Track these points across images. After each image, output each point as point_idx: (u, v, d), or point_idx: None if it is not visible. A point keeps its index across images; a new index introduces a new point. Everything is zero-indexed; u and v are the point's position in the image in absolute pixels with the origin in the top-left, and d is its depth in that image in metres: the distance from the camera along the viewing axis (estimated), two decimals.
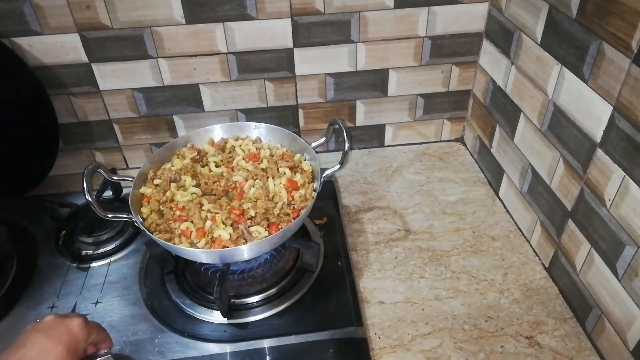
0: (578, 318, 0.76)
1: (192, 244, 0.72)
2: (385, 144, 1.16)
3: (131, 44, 0.93)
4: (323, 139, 0.87)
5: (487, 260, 0.86)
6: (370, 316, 0.77)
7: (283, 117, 1.07)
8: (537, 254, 0.87)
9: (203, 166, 0.85)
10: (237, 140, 0.90)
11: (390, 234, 0.92)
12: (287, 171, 0.81)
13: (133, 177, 0.82)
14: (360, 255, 0.88)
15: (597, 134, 0.68)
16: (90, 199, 0.72)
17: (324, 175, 0.79)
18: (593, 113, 0.68)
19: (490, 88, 0.99)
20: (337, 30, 0.96)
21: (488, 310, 0.78)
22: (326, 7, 0.93)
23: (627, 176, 0.63)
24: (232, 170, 0.84)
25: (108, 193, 0.95)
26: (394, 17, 0.95)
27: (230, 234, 0.72)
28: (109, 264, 0.87)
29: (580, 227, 0.74)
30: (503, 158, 0.97)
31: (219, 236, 0.71)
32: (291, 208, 0.77)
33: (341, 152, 0.78)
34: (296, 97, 1.05)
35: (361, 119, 1.11)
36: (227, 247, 0.71)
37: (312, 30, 0.96)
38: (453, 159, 1.11)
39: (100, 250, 0.89)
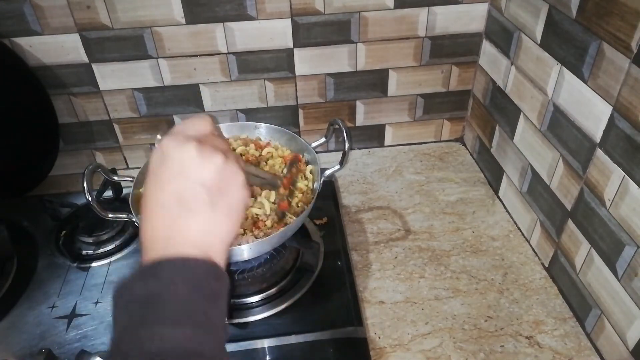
0: (578, 318, 0.76)
1: None
2: (385, 144, 1.16)
3: (131, 44, 0.93)
4: (323, 139, 0.87)
5: (486, 260, 0.86)
6: (370, 316, 0.77)
7: (283, 117, 1.07)
8: (536, 254, 0.87)
9: None
10: (236, 140, 0.90)
11: (390, 234, 0.92)
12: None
13: (133, 177, 0.82)
14: (360, 255, 0.88)
15: (597, 134, 0.68)
16: (90, 199, 0.72)
17: (324, 175, 0.80)
18: (593, 113, 0.68)
19: (490, 88, 0.99)
20: (337, 30, 0.96)
21: (488, 310, 0.78)
22: (326, 7, 0.93)
23: (626, 176, 0.63)
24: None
25: (108, 193, 0.95)
26: (394, 17, 0.95)
27: None
28: (109, 264, 0.87)
29: (580, 227, 0.74)
30: (503, 158, 0.97)
31: None
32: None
33: (341, 152, 0.78)
34: (296, 97, 1.05)
35: (361, 119, 1.11)
36: None
37: (312, 30, 0.96)
38: (453, 159, 1.12)
39: (101, 250, 0.89)
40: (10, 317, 0.78)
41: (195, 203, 0.41)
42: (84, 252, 0.89)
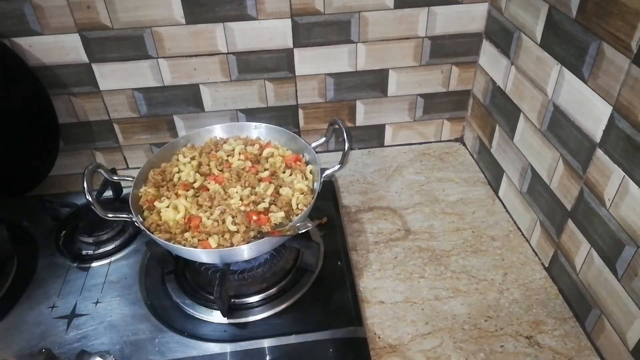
0: (578, 318, 0.76)
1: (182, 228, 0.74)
2: (385, 144, 1.16)
3: (131, 44, 0.93)
4: (323, 139, 0.87)
5: (486, 260, 0.86)
6: (370, 316, 0.77)
7: (283, 117, 1.07)
8: (536, 254, 0.87)
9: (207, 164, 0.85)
10: (236, 140, 0.90)
11: (390, 234, 0.92)
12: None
13: (133, 177, 0.82)
14: (360, 255, 0.88)
15: (597, 134, 0.68)
16: (90, 199, 0.72)
17: (324, 175, 0.80)
18: (593, 113, 0.68)
19: (490, 88, 0.99)
20: (337, 30, 0.96)
21: (488, 310, 0.78)
22: (326, 7, 0.93)
23: (626, 176, 0.63)
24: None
25: (108, 193, 0.95)
26: (393, 17, 0.96)
27: (218, 243, 0.72)
28: (109, 264, 0.87)
29: (579, 227, 0.74)
30: (503, 158, 0.97)
31: (207, 239, 0.72)
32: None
33: (341, 152, 0.78)
34: (296, 97, 1.05)
35: (361, 119, 1.11)
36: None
37: (312, 30, 0.96)
38: (453, 159, 1.12)
39: (101, 250, 0.89)
40: (10, 317, 0.78)
41: None
42: (84, 252, 0.89)
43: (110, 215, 0.74)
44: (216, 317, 0.76)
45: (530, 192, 0.88)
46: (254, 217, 0.74)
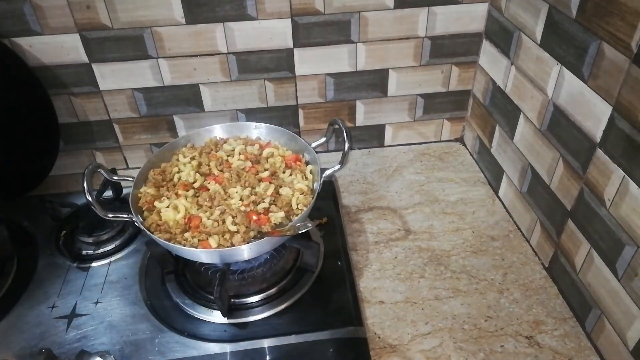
0: (578, 318, 0.76)
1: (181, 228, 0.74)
2: (385, 144, 1.16)
3: (131, 44, 0.93)
4: (323, 139, 0.87)
5: (486, 260, 0.86)
6: (370, 316, 0.77)
7: (283, 117, 1.07)
8: (536, 254, 0.87)
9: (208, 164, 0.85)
10: (236, 140, 0.90)
11: (390, 234, 0.92)
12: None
13: (133, 177, 0.82)
14: (360, 255, 0.88)
15: (597, 134, 0.68)
16: (90, 199, 0.72)
17: (324, 175, 0.80)
18: (593, 113, 0.68)
19: (490, 88, 0.99)
20: (337, 30, 0.96)
21: (488, 310, 0.78)
22: (326, 7, 0.93)
23: (626, 176, 0.63)
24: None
25: (108, 193, 0.95)
26: (394, 17, 0.96)
27: (218, 243, 0.72)
28: (109, 263, 0.87)
29: (579, 227, 0.74)
30: (503, 158, 0.97)
31: (207, 239, 0.72)
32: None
33: (341, 152, 0.78)
34: (296, 97, 1.05)
35: (361, 119, 1.11)
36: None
37: (312, 30, 0.96)
38: (453, 159, 1.12)
39: (101, 250, 0.89)
40: (10, 317, 0.78)
41: None
42: (84, 252, 0.89)
43: (110, 215, 0.74)
44: (216, 317, 0.76)
45: (530, 192, 0.88)
46: (254, 217, 0.74)
